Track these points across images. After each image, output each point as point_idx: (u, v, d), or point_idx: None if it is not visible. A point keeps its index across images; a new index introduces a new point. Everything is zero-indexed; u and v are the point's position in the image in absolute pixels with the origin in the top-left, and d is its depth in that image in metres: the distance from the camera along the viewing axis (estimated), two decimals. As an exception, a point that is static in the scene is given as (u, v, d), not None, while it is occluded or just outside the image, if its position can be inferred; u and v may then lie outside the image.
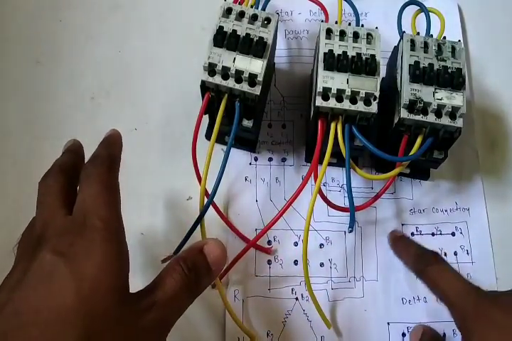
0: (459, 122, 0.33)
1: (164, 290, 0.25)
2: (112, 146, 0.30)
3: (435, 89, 0.34)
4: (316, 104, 0.33)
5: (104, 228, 0.25)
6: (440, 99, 0.33)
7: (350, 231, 0.38)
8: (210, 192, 0.34)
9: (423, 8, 0.38)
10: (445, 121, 0.33)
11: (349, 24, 0.36)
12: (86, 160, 0.29)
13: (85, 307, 0.22)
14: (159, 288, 0.25)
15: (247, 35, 0.34)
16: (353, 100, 0.33)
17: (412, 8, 0.39)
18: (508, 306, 0.28)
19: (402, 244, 0.35)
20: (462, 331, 0.29)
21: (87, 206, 0.26)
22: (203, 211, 0.34)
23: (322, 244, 0.39)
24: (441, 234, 0.40)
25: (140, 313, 0.24)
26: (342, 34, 0.35)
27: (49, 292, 0.23)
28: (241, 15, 0.35)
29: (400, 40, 0.37)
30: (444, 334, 0.37)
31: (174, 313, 0.26)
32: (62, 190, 0.27)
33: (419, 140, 0.34)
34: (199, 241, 0.29)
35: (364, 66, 0.33)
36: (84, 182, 0.27)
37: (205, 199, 0.34)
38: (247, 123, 0.35)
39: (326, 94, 0.33)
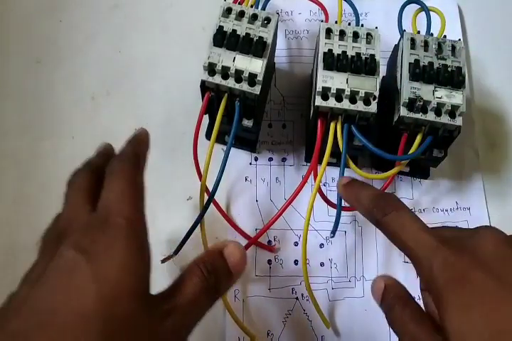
0: (459, 121, 0.33)
1: (184, 295, 0.25)
2: (138, 144, 0.29)
3: (435, 87, 0.34)
4: (316, 104, 0.33)
5: (126, 226, 0.24)
6: (440, 98, 0.33)
7: (332, 237, 0.37)
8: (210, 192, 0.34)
9: (424, 7, 0.38)
10: (445, 119, 0.33)
11: (349, 24, 0.36)
12: None
13: (106, 310, 0.22)
14: (179, 291, 0.25)
15: (247, 34, 0.34)
16: (353, 100, 0.33)
17: (413, 7, 0.39)
18: (489, 263, 0.23)
19: (352, 191, 0.30)
20: (433, 294, 0.24)
21: (110, 203, 0.25)
22: (203, 210, 0.34)
23: (322, 244, 0.39)
24: (441, 233, 0.40)
25: (160, 318, 0.24)
26: (342, 34, 0.35)
27: (68, 291, 0.22)
28: (241, 15, 0.35)
29: (400, 39, 0.37)
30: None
31: (194, 318, 0.25)
32: (89, 187, 0.27)
33: (418, 138, 0.34)
34: (218, 242, 0.28)
35: (364, 66, 0.33)
36: (108, 178, 0.26)
37: (205, 199, 0.34)
38: (247, 122, 0.35)
39: (325, 94, 0.33)
